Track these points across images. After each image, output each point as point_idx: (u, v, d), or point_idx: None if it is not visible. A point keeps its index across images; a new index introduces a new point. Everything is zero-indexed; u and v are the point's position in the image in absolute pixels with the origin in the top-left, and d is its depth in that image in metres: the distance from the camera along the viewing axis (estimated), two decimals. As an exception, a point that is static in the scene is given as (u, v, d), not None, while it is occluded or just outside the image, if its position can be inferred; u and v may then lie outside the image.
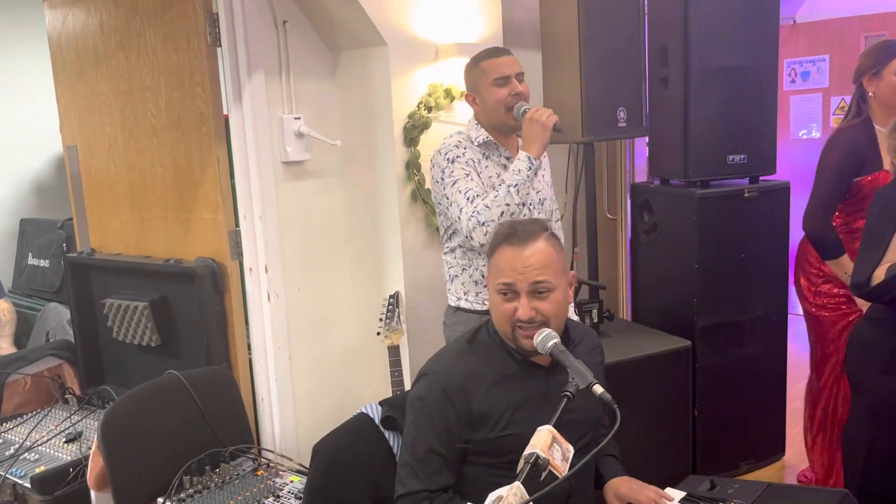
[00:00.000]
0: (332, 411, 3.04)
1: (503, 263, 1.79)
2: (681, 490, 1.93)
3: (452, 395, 1.78)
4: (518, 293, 1.77)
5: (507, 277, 1.77)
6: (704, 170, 3.21)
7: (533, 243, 1.78)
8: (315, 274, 3.07)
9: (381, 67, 2.88)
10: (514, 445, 1.69)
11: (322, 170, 3.06)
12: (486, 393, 1.79)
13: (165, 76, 2.96)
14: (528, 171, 2.37)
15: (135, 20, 3.02)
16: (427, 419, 1.79)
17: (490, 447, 1.79)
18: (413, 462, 1.79)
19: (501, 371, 1.83)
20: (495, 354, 1.85)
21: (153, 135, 3.07)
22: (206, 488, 2.42)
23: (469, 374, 1.81)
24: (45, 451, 2.78)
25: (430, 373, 1.84)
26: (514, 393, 1.81)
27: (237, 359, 2.97)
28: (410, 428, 1.83)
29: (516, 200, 2.35)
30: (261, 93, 2.82)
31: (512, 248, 1.79)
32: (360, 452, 1.99)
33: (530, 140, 2.41)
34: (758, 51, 3.21)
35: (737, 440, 3.34)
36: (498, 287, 1.79)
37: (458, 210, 2.40)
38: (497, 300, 1.80)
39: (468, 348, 1.88)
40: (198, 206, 2.97)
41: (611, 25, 3.07)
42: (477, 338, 1.90)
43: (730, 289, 3.24)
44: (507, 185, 2.36)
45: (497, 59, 2.50)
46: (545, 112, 2.40)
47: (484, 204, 2.35)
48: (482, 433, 1.79)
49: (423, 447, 1.78)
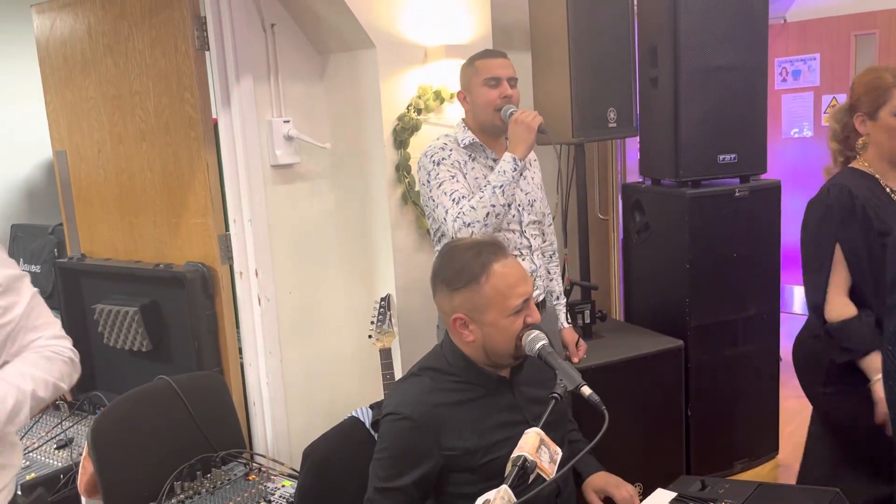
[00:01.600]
0: (324, 415, 3.04)
1: (507, 282, 1.75)
2: (671, 491, 1.92)
3: (426, 436, 1.73)
4: (528, 300, 1.78)
5: (521, 295, 1.76)
6: (695, 169, 3.21)
7: (510, 255, 1.82)
8: (306, 277, 3.07)
9: (369, 70, 2.88)
10: (503, 466, 1.68)
11: (312, 173, 3.05)
12: (461, 425, 1.75)
13: (154, 81, 2.95)
14: (514, 171, 2.37)
15: (122, 25, 3.01)
16: (394, 459, 1.75)
17: (480, 474, 1.75)
18: (378, 499, 1.75)
19: (471, 395, 1.79)
20: (460, 381, 1.81)
21: (142, 139, 3.06)
22: (197, 493, 2.41)
23: (439, 409, 1.75)
24: (36, 458, 2.77)
25: (400, 414, 1.76)
26: (488, 416, 1.78)
27: (228, 363, 2.96)
28: (377, 465, 1.78)
29: (501, 201, 2.35)
30: (249, 96, 2.81)
31: (503, 264, 1.77)
32: (350, 456, 1.98)
33: (516, 141, 2.41)
34: (748, 50, 3.21)
35: (730, 440, 3.34)
36: (512, 309, 1.75)
37: (444, 211, 2.40)
38: (509, 321, 1.75)
39: (429, 381, 1.81)
40: (187, 210, 2.96)
41: (600, 26, 3.07)
42: (436, 370, 1.84)
43: (722, 288, 3.24)
44: (493, 186, 2.36)
45: (491, 60, 2.50)
46: (530, 114, 2.40)
47: (470, 205, 2.35)
48: (469, 463, 1.75)
49: (389, 485, 1.74)
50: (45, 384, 1.64)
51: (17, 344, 1.65)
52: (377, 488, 1.76)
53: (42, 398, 1.63)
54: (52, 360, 1.67)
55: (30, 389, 1.60)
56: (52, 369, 1.65)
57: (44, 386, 1.63)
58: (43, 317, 1.70)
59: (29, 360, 1.64)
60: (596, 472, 1.97)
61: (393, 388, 1.89)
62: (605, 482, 1.92)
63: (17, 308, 1.63)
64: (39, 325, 1.68)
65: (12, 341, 1.64)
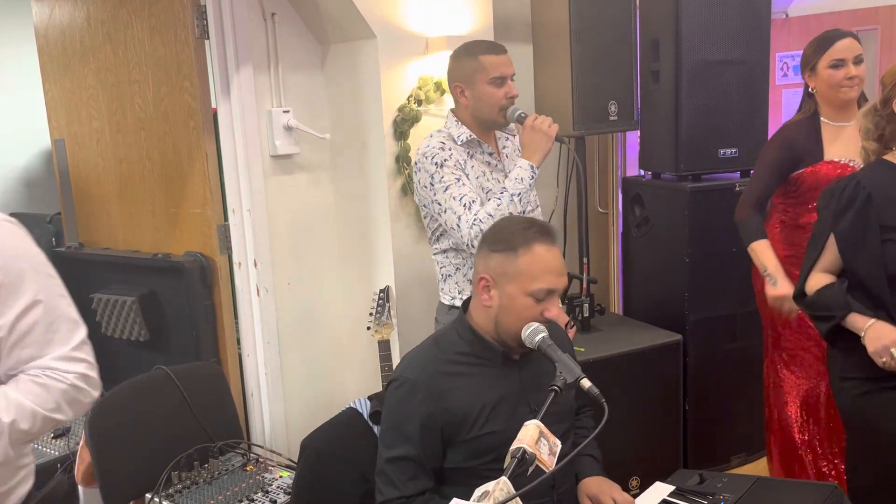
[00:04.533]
0: (322, 406, 3.04)
1: (541, 264, 1.74)
2: (669, 484, 1.92)
3: (427, 399, 1.76)
4: (553, 294, 1.76)
5: (549, 283, 1.74)
6: (696, 164, 3.21)
7: (557, 244, 1.79)
8: (304, 268, 3.06)
9: (370, 60, 2.86)
10: (495, 443, 1.69)
11: (311, 163, 3.04)
12: (461, 393, 1.78)
13: (153, 69, 2.93)
14: (531, 180, 2.38)
15: (122, 13, 2.99)
16: (399, 427, 1.78)
17: (471, 447, 1.77)
18: (388, 469, 1.78)
19: (475, 370, 1.82)
20: (467, 354, 1.83)
21: (141, 128, 3.04)
22: (194, 483, 2.41)
23: (442, 376, 1.79)
24: (33, 447, 2.76)
25: (402, 379, 1.81)
26: (490, 390, 1.80)
27: (226, 354, 2.96)
28: (384, 435, 1.82)
29: (518, 209, 2.36)
30: (249, 86, 2.80)
31: (547, 249, 1.76)
32: (348, 447, 1.98)
33: (533, 149, 2.40)
34: (749, 44, 3.20)
35: (728, 434, 3.34)
36: (534, 291, 1.73)
37: (456, 217, 2.36)
38: (527, 303, 1.74)
39: (437, 350, 1.85)
40: (186, 200, 2.95)
41: (602, 19, 3.05)
42: (445, 339, 1.87)
43: (721, 283, 3.24)
44: (511, 195, 2.35)
45: (498, 57, 2.46)
46: (547, 121, 2.40)
47: (486, 212, 2.33)
48: (462, 434, 1.77)
49: (396, 454, 1.77)
50: (33, 416, 1.43)
51: (5, 364, 1.43)
52: (386, 458, 1.78)
53: (25, 431, 1.43)
54: (48, 387, 1.44)
55: (7, 421, 1.40)
56: (44, 399, 1.44)
57: (30, 418, 1.42)
58: (52, 333, 1.46)
59: (20, 386, 1.43)
60: (591, 475, 1.93)
61: (405, 355, 1.92)
62: (598, 489, 1.88)
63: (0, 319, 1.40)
64: (43, 341, 1.44)
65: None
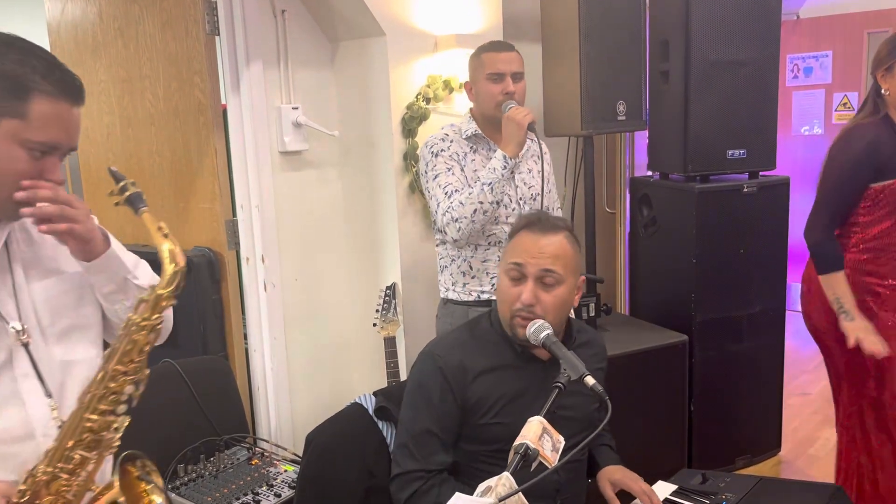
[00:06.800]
0: (328, 401, 3.05)
1: (519, 247, 1.81)
2: (672, 483, 1.93)
3: (449, 378, 1.79)
4: (525, 277, 1.77)
5: (519, 258, 1.78)
6: (704, 164, 3.21)
7: (553, 234, 1.80)
8: (312, 264, 3.07)
9: (379, 58, 2.87)
10: (501, 434, 1.70)
11: (320, 160, 3.05)
12: (481, 380, 1.80)
13: (164, 65, 2.95)
14: (503, 169, 2.39)
15: (134, 8, 3.01)
16: (424, 400, 1.81)
17: (477, 433, 1.80)
18: (410, 442, 1.80)
19: (499, 361, 1.83)
20: (495, 344, 1.86)
21: (151, 124, 3.06)
22: (200, 477, 2.42)
23: (467, 360, 1.82)
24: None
25: (430, 353, 1.86)
26: (509, 383, 1.81)
27: (233, 348, 2.97)
28: (408, 409, 1.85)
29: (490, 199, 2.37)
30: (259, 82, 2.81)
31: (531, 234, 1.80)
32: (353, 442, 1.99)
33: (507, 139, 2.43)
34: (759, 45, 3.20)
35: (733, 435, 3.34)
36: (507, 267, 1.80)
37: (436, 204, 2.44)
38: (505, 283, 1.81)
39: (469, 336, 1.89)
40: (195, 195, 2.96)
41: (612, 18, 3.05)
42: (479, 326, 1.91)
43: (728, 284, 3.24)
44: (482, 184, 2.38)
45: (497, 54, 2.50)
46: (522, 111, 2.42)
47: (459, 201, 2.38)
48: (472, 419, 1.80)
49: (420, 428, 1.80)
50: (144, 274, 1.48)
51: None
52: (409, 432, 1.81)
53: (137, 286, 1.44)
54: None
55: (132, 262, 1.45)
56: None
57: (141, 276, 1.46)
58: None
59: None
60: (611, 463, 1.97)
61: (440, 335, 1.97)
62: (623, 475, 1.92)
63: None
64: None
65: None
